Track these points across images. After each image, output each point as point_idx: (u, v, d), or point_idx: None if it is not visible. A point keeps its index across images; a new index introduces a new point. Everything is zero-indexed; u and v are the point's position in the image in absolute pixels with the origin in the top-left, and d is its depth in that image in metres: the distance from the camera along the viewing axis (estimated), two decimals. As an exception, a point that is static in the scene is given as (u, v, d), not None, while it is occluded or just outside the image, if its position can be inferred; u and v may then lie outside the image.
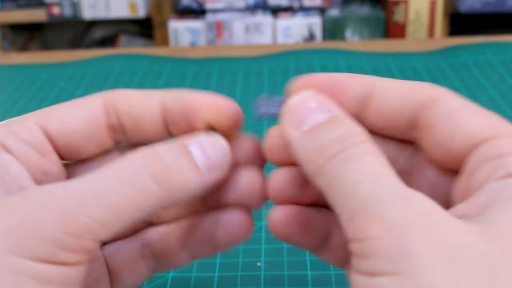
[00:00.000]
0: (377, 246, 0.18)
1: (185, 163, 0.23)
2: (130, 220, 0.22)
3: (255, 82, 0.64)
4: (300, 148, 0.22)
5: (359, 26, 1.55)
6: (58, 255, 0.20)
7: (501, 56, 0.67)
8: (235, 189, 0.26)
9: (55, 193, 0.21)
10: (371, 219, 0.19)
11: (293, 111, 0.23)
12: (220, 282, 0.35)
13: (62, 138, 0.25)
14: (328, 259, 0.26)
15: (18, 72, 0.70)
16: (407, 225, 0.18)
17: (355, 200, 0.19)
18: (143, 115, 0.26)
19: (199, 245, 0.27)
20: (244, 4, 1.58)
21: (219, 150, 0.25)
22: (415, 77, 0.63)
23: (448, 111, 0.22)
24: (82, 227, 0.21)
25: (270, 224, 0.25)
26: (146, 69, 0.69)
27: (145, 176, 0.22)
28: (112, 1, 1.56)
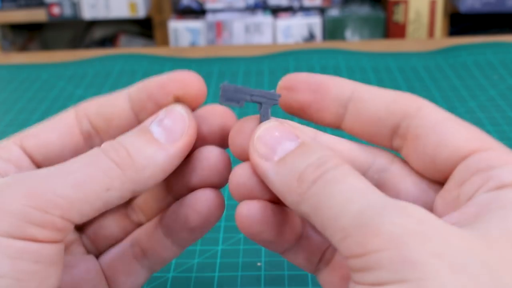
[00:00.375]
0: (380, 258, 0.18)
1: (144, 142, 0.24)
2: (99, 200, 0.22)
3: (255, 82, 0.64)
4: (276, 178, 0.22)
5: (359, 26, 1.55)
6: (27, 229, 0.21)
7: (501, 56, 0.67)
8: (197, 170, 0.26)
9: (23, 175, 0.22)
10: (368, 233, 0.19)
11: (261, 142, 0.23)
12: (220, 282, 0.35)
13: (38, 151, 0.26)
14: (300, 262, 0.26)
15: (18, 72, 0.70)
16: (406, 234, 0.18)
17: (347, 218, 0.19)
18: (111, 111, 0.27)
19: (177, 232, 0.27)
20: (244, 4, 1.58)
21: (176, 118, 0.25)
22: (415, 77, 0.63)
23: (433, 123, 0.23)
24: (49, 202, 0.21)
25: (238, 219, 0.24)
26: (146, 69, 0.69)
27: (107, 160, 0.23)
28: (112, 1, 1.56)
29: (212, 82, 0.65)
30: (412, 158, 0.24)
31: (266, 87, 0.63)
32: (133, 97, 0.27)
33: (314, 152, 0.22)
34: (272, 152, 0.23)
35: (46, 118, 0.59)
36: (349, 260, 0.19)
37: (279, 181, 0.22)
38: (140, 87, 0.27)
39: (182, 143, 0.24)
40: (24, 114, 0.59)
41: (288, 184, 0.22)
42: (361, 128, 0.25)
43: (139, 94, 0.26)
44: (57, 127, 0.27)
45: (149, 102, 0.26)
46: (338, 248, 0.20)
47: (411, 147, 0.24)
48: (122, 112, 0.27)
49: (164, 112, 0.25)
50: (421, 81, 0.62)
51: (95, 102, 0.27)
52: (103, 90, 0.64)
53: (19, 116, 0.59)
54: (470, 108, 0.56)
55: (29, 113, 0.59)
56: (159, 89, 0.26)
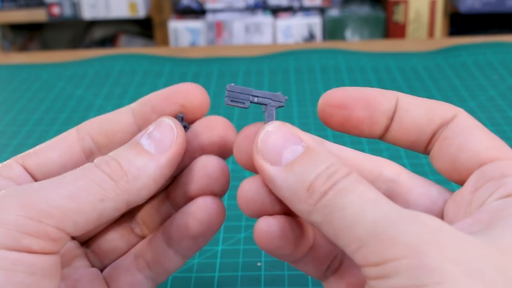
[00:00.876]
0: (397, 266, 0.18)
1: (135, 154, 0.24)
2: (94, 211, 0.23)
3: (255, 82, 0.64)
4: (284, 186, 0.22)
5: (359, 26, 1.55)
6: (22, 240, 0.21)
7: (501, 56, 0.67)
8: (196, 179, 0.26)
9: (17, 188, 0.23)
10: (385, 242, 0.19)
11: (265, 145, 0.23)
12: (220, 282, 0.35)
13: (40, 170, 0.27)
14: (309, 270, 0.26)
15: (18, 72, 0.70)
16: (422, 243, 0.19)
17: (362, 228, 0.20)
18: (114, 127, 0.27)
19: (179, 241, 0.27)
20: (244, 4, 1.58)
21: (165, 129, 0.25)
22: (415, 77, 0.63)
23: (461, 127, 0.24)
24: (43, 212, 0.22)
25: (257, 236, 0.24)
26: (146, 69, 0.69)
27: (99, 172, 0.23)
28: (112, 1, 1.56)
29: (212, 82, 0.65)
30: (436, 157, 0.24)
31: (266, 87, 0.63)
32: (136, 111, 0.27)
33: (322, 160, 0.22)
34: (278, 156, 0.23)
35: (46, 118, 0.59)
36: (364, 269, 0.20)
37: (287, 188, 0.22)
38: (143, 101, 0.27)
39: (171, 152, 0.25)
40: (24, 114, 0.59)
41: (298, 193, 0.22)
42: (404, 136, 0.25)
43: (143, 107, 0.27)
44: (58, 146, 0.27)
45: (153, 115, 0.27)
46: (353, 257, 0.20)
47: (438, 147, 0.24)
48: (126, 127, 0.27)
49: (153, 125, 0.26)
50: (421, 81, 0.62)
51: (98, 120, 0.28)
52: (103, 90, 0.64)
53: (19, 116, 0.59)
54: (470, 108, 0.56)
55: (29, 113, 0.59)
56: (163, 101, 0.27)
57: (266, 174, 0.23)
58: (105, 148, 0.27)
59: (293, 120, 0.54)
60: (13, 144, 0.53)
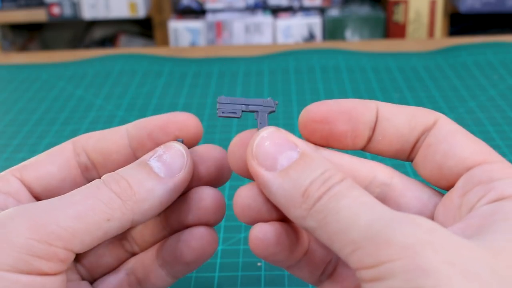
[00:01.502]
0: (392, 268, 0.18)
1: (145, 175, 0.25)
2: (100, 230, 0.23)
3: (255, 82, 0.64)
4: (279, 192, 0.22)
5: (359, 26, 1.55)
6: (32, 263, 0.21)
7: (501, 56, 0.67)
8: (193, 209, 0.27)
9: (25, 207, 0.23)
10: (380, 244, 0.19)
11: (260, 151, 0.23)
12: (220, 282, 0.35)
13: (38, 184, 0.27)
14: (303, 276, 0.26)
15: (18, 72, 0.70)
16: (417, 244, 0.18)
17: (356, 232, 0.20)
18: (109, 147, 0.28)
19: (172, 264, 0.28)
20: (244, 4, 1.58)
21: (175, 154, 0.26)
22: (415, 77, 0.63)
23: (444, 133, 0.24)
24: (52, 234, 0.22)
25: (252, 243, 0.24)
26: (146, 69, 0.69)
27: (108, 191, 0.24)
28: (112, 1, 1.56)
29: (212, 82, 0.65)
30: (421, 165, 0.24)
31: (266, 87, 0.63)
32: (132, 134, 0.28)
33: (317, 166, 0.22)
34: (273, 162, 0.23)
35: (46, 118, 0.59)
36: (359, 272, 0.20)
37: (282, 194, 0.22)
38: (139, 126, 0.28)
39: (180, 177, 0.25)
40: (24, 114, 0.59)
41: (293, 198, 0.22)
42: (387, 146, 0.25)
43: (138, 132, 0.27)
44: (56, 160, 0.27)
45: (148, 141, 0.27)
46: (348, 261, 0.20)
47: (422, 155, 0.24)
48: (120, 148, 0.28)
49: (163, 148, 0.26)
50: (421, 81, 0.62)
51: (93, 137, 0.28)
52: (103, 90, 0.64)
53: (19, 116, 0.59)
54: (470, 108, 0.56)
55: (29, 113, 0.59)
56: (159, 130, 0.27)
57: (261, 179, 0.23)
58: (100, 166, 0.28)
59: (293, 120, 0.54)
60: (13, 144, 0.53)
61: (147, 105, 0.60)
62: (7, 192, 0.26)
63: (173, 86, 0.64)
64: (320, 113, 0.25)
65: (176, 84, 0.64)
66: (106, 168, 0.28)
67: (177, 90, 0.63)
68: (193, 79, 0.66)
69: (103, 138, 0.28)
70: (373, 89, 0.61)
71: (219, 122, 0.55)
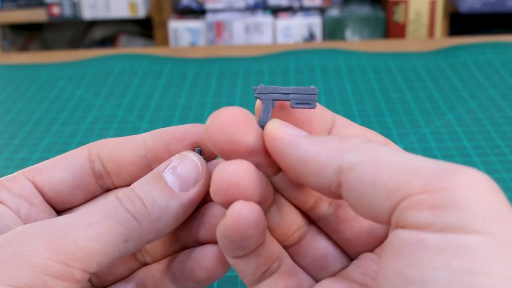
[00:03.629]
0: (471, 198, 0.17)
1: (159, 191, 0.24)
2: (117, 251, 0.23)
3: (255, 82, 0.64)
4: (308, 143, 0.21)
5: (359, 26, 1.55)
6: (48, 283, 0.21)
7: (501, 56, 0.67)
8: (206, 226, 0.26)
9: (43, 225, 0.23)
10: (457, 172, 0.18)
11: (284, 124, 0.23)
12: (220, 282, 0.35)
13: (51, 188, 0.27)
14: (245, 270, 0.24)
15: (18, 72, 0.70)
16: (495, 189, 0.18)
17: (421, 161, 0.19)
18: (125, 157, 0.27)
19: (183, 281, 0.27)
20: (244, 4, 1.58)
21: (190, 166, 0.25)
22: (415, 77, 0.63)
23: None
24: (70, 255, 0.22)
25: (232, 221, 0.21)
26: (146, 69, 0.69)
27: (124, 211, 0.23)
28: (112, 1, 1.56)
29: (212, 82, 0.65)
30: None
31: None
32: (149, 145, 0.27)
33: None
34: (297, 131, 0.22)
35: (46, 118, 0.59)
36: (421, 195, 0.18)
37: (311, 144, 0.21)
38: (156, 137, 0.27)
39: (195, 192, 0.25)
40: (24, 114, 0.59)
41: (327, 144, 0.21)
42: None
43: (155, 143, 0.27)
44: (70, 165, 0.27)
45: (165, 153, 0.27)
46: (406, 184, 0.19)
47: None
48: (136, 159, 0.27)
49: (178, 159, 0.25)
50: (421, 81, 0.62)
51: (109, 144, 0.27)
52: (103, 90, 0.64)
53: (19, 116, 0.59)
54: (470, 108, 0.56)
55: (29, 113, 0.59)
56: (176, 142, 0.26)
57: (288, 140, 0.22)
58: (115, 175, 0.27)
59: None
60: (13, 144, 0.53)
61: (147, 105, 0.60)
62: (19, 195, 0.26)
63: (173, 86, 0.64)
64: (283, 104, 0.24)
65: (176, 84, 0.64)
66: (121, 177, 0.27)
67: (177, 90, 0.63)
68: (193, 79, 0.66)
69: (119, 146, 0.27)
70: (373, 89, 0.61)
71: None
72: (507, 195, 0.42)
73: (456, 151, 0.48)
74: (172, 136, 0.27)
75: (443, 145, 0.49)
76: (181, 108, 0.59)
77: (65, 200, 0.27)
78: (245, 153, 0.23)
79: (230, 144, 0.22)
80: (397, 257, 0.18)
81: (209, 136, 0.22)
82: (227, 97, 0.61)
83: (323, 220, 0.25)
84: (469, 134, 0.51)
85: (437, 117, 0.54)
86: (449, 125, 0.53)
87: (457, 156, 0.47)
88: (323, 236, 0.26)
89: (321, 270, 0.25)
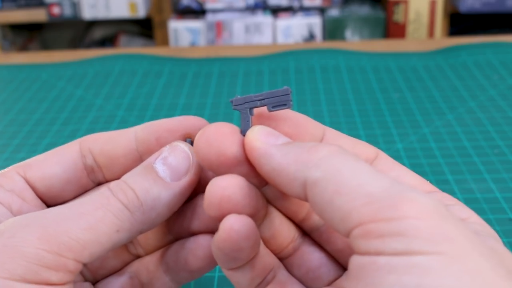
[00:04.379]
0: (417, 225, 0.18)
1: (151, 182, 0.24)
2: (110, 241, 0.23)
3: (255, 82, 0.64)
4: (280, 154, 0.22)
5: (359, 26, 1.55)
6: (41, 273, 0.21)
7: (501, 56, 0.67)
8: (199, 216, 0.27)
9: (35, 216, 0.23)
10: (404, 200, 0.19)
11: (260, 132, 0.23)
12: (220, 282, 0.35)
13: (43, 183, 0.27)
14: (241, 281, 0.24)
15: (18, 72, 0.70)
16: (442, 212, 0.19)
17: (375, 187, 0.19)
18: (116, 151, 0.27)
19: (177, 271, 0.27)
20: (244, 4, 1.58)
21: (180, 155, 0.25)
22: (415, 77, 0.63)
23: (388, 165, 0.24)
24: (63, 245, 0.22)
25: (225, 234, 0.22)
26: (146, 69, 0.69)
27: (117, 202, 0.23)
28: (112, 1, 1.56)
29: (212, 82, 0.65)
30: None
31: (266, 87, 0.63)
32: (140, 138, 0.27)
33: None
34: (274, 139, 0.23)
35: (46, 118, 0.59)
36: (369, 225, 0.19)
37: (282, 155, 0.22)
38: (148, 130, 0.27)
39: (186, 181, 0.25)
40: (24, 114, 0.59)
41: (296, 155, 0.21)
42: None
43: (147, 136, 0.27)
44: (62, 160, 0.27)
45: (157, 146, 0.27)
46: (357, 213, 0.19)
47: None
48: (127, 152, 0.27)
49: (168, 150, 0.25)
50: (421, 81, 0.62)
51: (100, 138, 0.28)
52: (103, 90, 0.64)
53: (19, 116, 0.59)
54: (470, 108, 0.56)
55: (29, 113, 0.59)
56: (167, 134, 0.27)
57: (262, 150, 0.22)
58: (106, 169, 0.27)
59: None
60: (13, 144, 0.53)
61: (147, 105, 0.60)
62: (11, 190, 0.26)
63: (173, 86, 0.64)
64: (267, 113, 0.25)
65: (176, 84, 0.64)
66: (112, 171, 0.27)
67: (177, 90, 0.63)
68: (193, 79, 0.66)
69: (110, 140, 0.27)
70: (373, 89, 0.61)
71: (219, 122, 0.55)
72: (507, 195, 0.42)
73: (456, 151, 0.48)
74: (163, 129, 0.27)
75: (443, 145, 0.49)
76: (181, 108, 0.59)
77: (57, 195, 0.27)
78: (232, 164, 0.23)
79: (217, 156, 0.23)
80: (356, 280, 0.19)
81: (197, 152, 0.23)
82: (227, 97, 0.61)
83: (316, 231, 0.26)
84: (469, 134, 0.51)
85: (437, 117, 0.54)
86: (449, 125, 0.53)
87: (457, 156, 0.47)
88: (316, 247, 0.26)
89: (315, 280, 0.25)
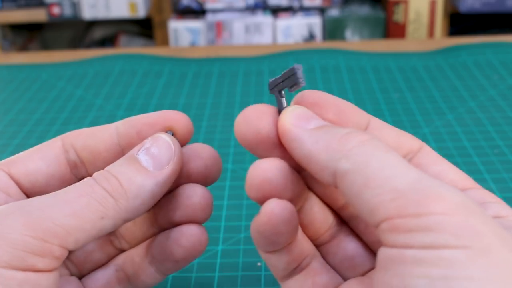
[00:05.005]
0: (444, 221, 0.18)
1: (134, 171, 0.25)
2: (94, 228, 0.23)
3: (255, 82, 0.64)
4: (310, 140, 0.22)
5: (359, 26, 1.55)
6: (27, 259, 0.21)
7: (501, 56, 0.67)
8: (181, 206, 0.27)
9: (20, 204, 0.23)
10: (430, 196, 0.19)
11: (294, 114, 0.23)
12: (220, 282, 0.35)
13: (27, 179, 0.27)
14: (277, 265, 0.25)
15: (18, 72, 0.70)
16: (470, 207, 0.19)
17: (402, 181, 0.19)
18: (98, 146, 0.27)
19: (162, 262, 0.28)
20: (244, 4, 1.58)
21: (163, 146, 0.26)
22: (415, 77, 0.63)
23: (433, 158, 0.25)
24: (48, 231, 0.22)
25: (266, 217, 0.23)
26: (146, 69, 0.69)
27: (101, 189, 0.24)
28: (112, 1, 1.56)
29: (212, 82, 0.65)
30: None
31: (266, 87, 0.63)
32: (121, 132, 0.27)
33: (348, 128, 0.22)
34: (306, 122, 0.23)
35: (46, 118, 0.59)
36: (396, 220, 0.19)
37: (313, 142, 0.22)
38: (129, 124, 0.27)
39: (169, 170, 0.25)
40: (24, 114, 0.59)
41: (327, 143, 0.22)
42: None
43: (128, 130, 0.27)
44: (45, 155, 0.27)
45: (138, 140, 0.27)
46: (380, 208, 0.19)
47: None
48: (109, 146, 0.27)
49: (150, 141, 0.26)
50: (421, 81, 0.62)
51: (82, 134, 0.28)
52: (103, 90, 0.64)
53: (19, 116, 0.59)
54: (470, 108, 0.56)
55: (29, 113, 0.59)
56: (148, 128, 0.27)
57: (293, 134, 0.23)
58: (89, 163, 0.28)
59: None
60: (13, 144, 0.53)
61: (147, 105, 0.60)
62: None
63: (173, 86, 0.64)
64: (311, 97, 0.25)
65: (176, 84, 0.64)
66: (95, 166, 0.28)
67: (177, 90, 0.63)
68: (193, 79, 0.66)
69: (92, 136, 0.28)
70: (373, 89, 0.61)
71: (219, 122, 0.55)
72: (507, 195, 0.42)
73: (456, 151, 0.48)
74: (143, 122, 0.27)
75: (443, 145, 0.49)
76: (181, 108, 0.59)
77: (42, 190, 0.27)
78: (268, 143, 0.24)
79: (254, 135, 0.24)
80: (384, 270, 0.19)
81: (236, 131, 0.24)
82: (227, 97, 0.61)
83: (353, 221, 0.26)
84: (469, 134, 0.51)
85: (437, 117, 0.54)
86: (449, 125, 0.53)
87: (457, 156, 0.47)
88: (353, 237, 0.26)
89: (350, 269, 0.26)
